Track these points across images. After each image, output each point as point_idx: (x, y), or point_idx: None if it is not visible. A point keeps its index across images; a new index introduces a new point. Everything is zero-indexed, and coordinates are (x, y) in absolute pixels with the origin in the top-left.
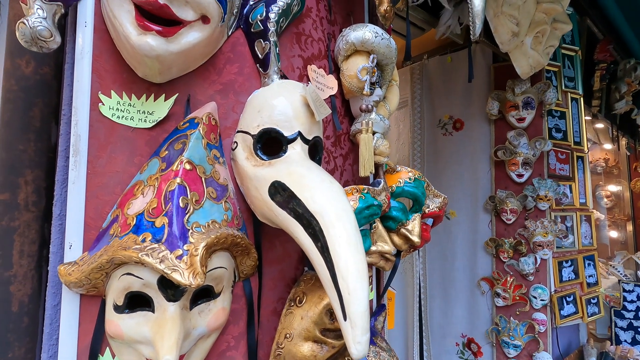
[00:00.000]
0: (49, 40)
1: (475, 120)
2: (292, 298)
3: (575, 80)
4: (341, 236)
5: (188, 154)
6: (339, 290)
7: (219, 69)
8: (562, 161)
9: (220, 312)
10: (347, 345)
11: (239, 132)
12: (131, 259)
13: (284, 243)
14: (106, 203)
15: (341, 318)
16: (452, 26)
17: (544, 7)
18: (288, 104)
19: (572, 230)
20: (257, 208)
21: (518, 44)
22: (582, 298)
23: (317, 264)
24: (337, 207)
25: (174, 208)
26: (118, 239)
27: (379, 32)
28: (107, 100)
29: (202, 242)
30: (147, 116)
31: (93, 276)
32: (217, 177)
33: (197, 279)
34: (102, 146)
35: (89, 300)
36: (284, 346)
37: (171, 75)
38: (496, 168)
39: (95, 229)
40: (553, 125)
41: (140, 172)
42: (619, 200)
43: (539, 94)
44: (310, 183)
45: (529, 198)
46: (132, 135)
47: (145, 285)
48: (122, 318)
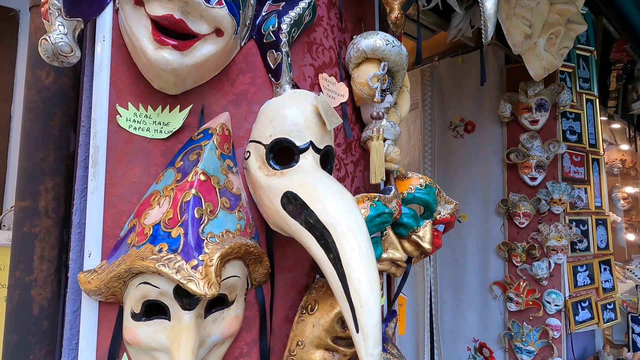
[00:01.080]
0: (69, 55)
1: (487, 122)
2: (303, 306)
3: (590, 81)
4: (353, 248)
5: (202, 165)
6: (351, 302)
7: (232, 80)
8: (576, 164)
9: (233, 319)
10: (359, 357)
11: (252, 142)
12: (148, 269)
13: (296, 251)
14: (123, 212)
15: (353, 330)
16: (463, 29)
17: (558, 8)
18: (300, 113)
19: (587, 234)
20: (270, 217)
21: (531, 45)
22: (598, 303)
23: (330, 275)
24: (349, 219)
25: (189, 219)
26: (135, 249)
27: (390, 39)
28: (124, 112)
29: (217, 252)
30: (162, 127)
31: (112, 284)
32: (231, 186)
33: (212, 289)
34: (119, 157)
35: (107, 307)
36: (295, 353)
37: (186, 87)
38: (508, 171)
39: (113, 238)
40: (567, 127)
41: (156, 183)
42: (636, 202)
43: (553, 95)
44: (322, 194)
45: (543, 201)
46: (148, 146)
47: (161, 294)
48: (140, 326)
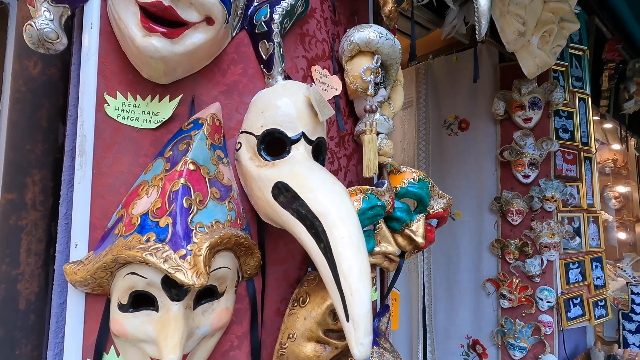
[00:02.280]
0: (55, 42)
1: (481, 120)
2: (295, 298)
3: (583, 80)
4: (344, 237)
5: (192, 155)
6: (341, 291)
7: (223, 70)
8: (569, 162)
9: (223, 311)
10: (350, 346)
11: (243, 133)
12: (135, 258)
13: (288, 243)
14: (111, 203)
15: (344, 319)
16: (457, 26)
17: (551, 7)
18: (292, 104)
19: (579, 231)
20: (261, 208)
21: (524, 43)
22: (590, 300)
23: (320, 265)
24: (340, 208)
25: (177, 208)
26: (123, 239)
27: (383, 32)
28: (112, 101)
29: (206, 242)
30: (151, 117)
31: (98, 275)
32: (221, 177)
33: (200, 279)
34: (107, 147)
35: (94, 299)
36: (287, 346)
37: (176, 76)
38: (502, 168)
39: (100, 229)
40: (560, 125)
41: (145, 173)
42: (627, 201)
43: (546, 94)
44: (313, 184)
45: (535, 199)
46: (137, 136)
47: (149, 284)
48: (127, 317)
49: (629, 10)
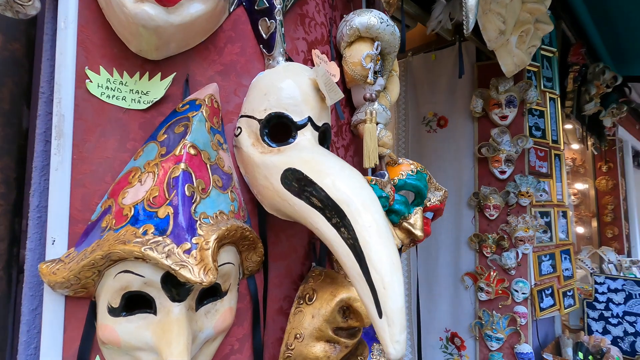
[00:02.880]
0: (26, 4)
1: (459, 117)
2: (301, 296)
3: (553, 80)
4: (371, 226)
5: (191, 138)
6: (372, 284)
7: (220, 49)
8: (541, 159)
9: (227, 312)
10: (384, 344)
11: (243, 117)
12: (132, 254)
13: (290, 237)
14: (94, 193)
15: (375, 315)
16: (443, 21)
17: (529, 7)
18: (297, 87)
19: (550, 225)
20: (267, 198)
21: (504, 42)
22: (560, 291)
23: (343, 257)
24: (362, 195)
25: (179, 196)
26: (113, 232)
27: (384, 18)
28: (95, 77)
29: (213, 234)
30: (141, 96)
31: (83, 275)
32: (222, 164)
33: (208, 276)
34: (89, 128)
35: (75, 303)
36: (294, 347)
37: (169, 51)
38: (479, 165)
39: (82, 222)
40: (533, 123)
41: (135, 159)
42: (585, 197)
43: (521, 92)
44: (329, 170)
45: (511, 194)
46: (124, 118)
47: (146, 284)
48: (119, 322)
49: (589, 17)
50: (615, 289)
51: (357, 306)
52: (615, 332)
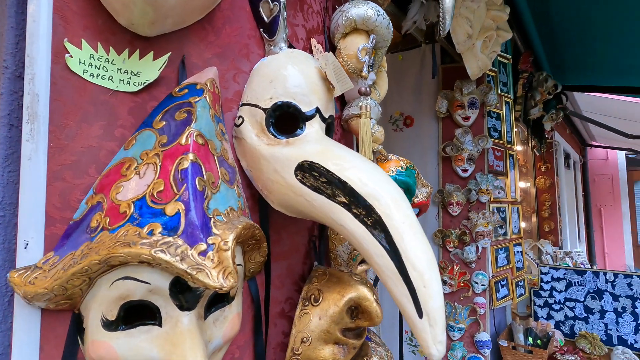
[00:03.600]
0: None
1: (425, 117)
2: (305, 297)
3: (508, 85)
4: (404, 222)
5: (197, 126)
6: (410, 283)
7: (217, 29)
8: (498, 158)
9: (235, 318)
10: (424, 345)
11: (246, 106)
12: (139, 257)
13: (292, 235)
14: (76, 187)
15: (414, 315)
16: (418, 22)
17: (492, 14)
18: (305, 76)
19: (505, 220)
20: (276, 194)
21: (470, 46)
22: (513, 281)
23: (375, 255)
24: (390, 190)
25: (190, 191)
26: (108, 233)
27: (380, 11)
28: (76, 52)
29: (231, 233)
30: (130, 77)
31: (72, 284)
32: (227, 156)
33: (229, 280)
34: (69, 111)
35: (54, 318)
36: (301, 352)
37: (164, 27)
38: (443, 163)
39: (61, 222)
40: (491, 125)
41: (125, 148)
42: (526, 195)
43: (482, 95)
44: (351, 163)
45: (473, 191)
46: (111, 101)
47: (151, 291)
48: (117, 337)
49: (535, 30)
50: (558, 278)
51: (366, 305)
52: (558, 317)
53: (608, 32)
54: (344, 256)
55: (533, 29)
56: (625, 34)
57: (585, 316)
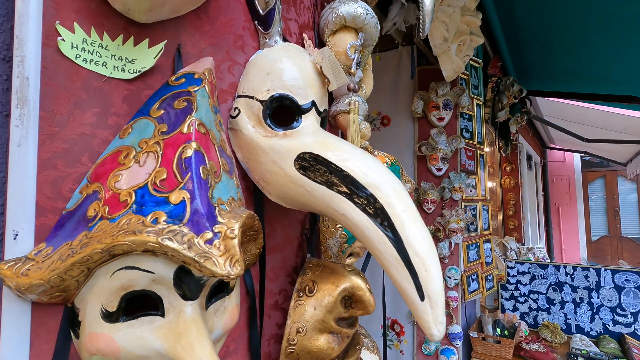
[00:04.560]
0: None
1: (401, 117)
2: (300, 288)
3: (479, 88)
4: (405, 210)
5: (198, 115)
6: (412, 268)
7: (212, 19)
8: (469, 157)
9: (235, 309)
10: (426, 326)
11: (242, 97)
12: (144, 245)
13: (286, 227)
14: (68, 176)
15: (416, 299)
16: (398, 23)
17: (467, 19)
18: (301, 69)
19: (476, 217)
20: (274, 185)
21: (446, 49)
22: (482, 275)
23: (378, 243)
24: (390, 180)
25: (194, 179)
26: (108, 222)
27: (369, 9)
28: (68, 35)
29: (236, 221)
30: (125, 64)
31: (70, 274)
32: (225, 147)
33: (236, 267)
34: (61, 97)
35: (45, 311)
36: (296, 342)
37: (161, 15)
38: (418, 162)
39: (53, 212)
40: (463, 126)
41: (121, 137)
42: (493, 194)
43: (456, 97)
44: (350, 155)
45: (446, 189)
46: (105, 88)
47: (155, 281)
48: (118, 328)
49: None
50: (523, 271)
51: (360, 295)
52: (522, 308)
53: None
54: (334, 249)
55: (501, 36)
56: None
57: (547, 307)
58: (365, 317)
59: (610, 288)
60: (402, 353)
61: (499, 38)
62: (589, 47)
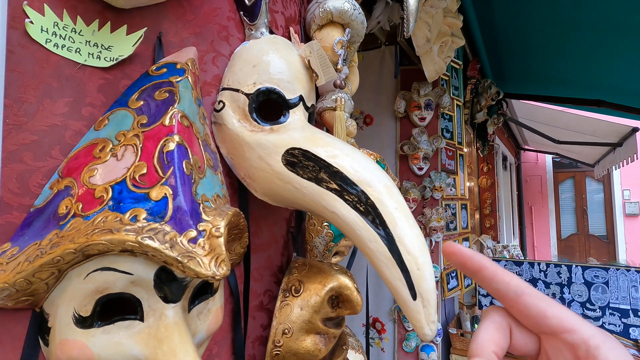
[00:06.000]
0: None
1: (384, 116)
2: (286, 288)
3: (459, 89)
4: (397, 208)
5: (181, 107)
6: (404, 267)
7: (195, 8)
8: (449, 157)
9: (219, 311)
10: (418, 326)
11: (227, 90)
12: (123, 244)
13: (271, 226)
14: (37, 170)
15: (408, 298)
16: (382, 22)
17: (449, 21)
18: (288, 63)
19: (455, 216)
20: (261, 181)
21: (428, 50)
22: (462, 273)
23: (368, 241)
24: (381, 177)
25: (177, 175)
26: (82, 220)
27: (356, 5)
28: (37, 18)
29: (222, 219)
30: (101, 51)
31: (38, 277)
32: (209, 141)
33: (222, 268)
34: (29, 84)
35: (9, 317)
36: (282, 343)
37: (140, 0)
38: (400, 161)
39: (20, 209)
40: (444, 126)
41: (96, 128)
42: (470, 193)
43: (437, 97)
44: (340, 151)
45: (427, 188)
46: (79, 76)
47: (134, 283)
48: (92, 334)
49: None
50: None
51: (347, 294)
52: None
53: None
54: (320, 247)
55: (480, 39)
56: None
57: None
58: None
59: (580, 284)
60: (383, 351)
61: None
62: (562, 52)
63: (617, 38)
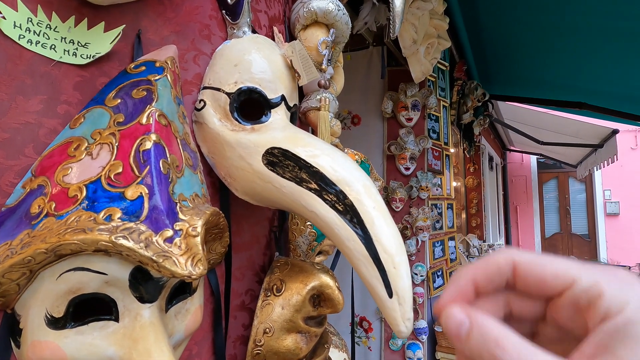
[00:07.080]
0: None
1: (371, 117)
2: (267, 287)
3: (445, 90)
4: (375, 207)
5: (159, 105)
6: (381, 265)
7: (176, 5)
8: (436, 157)
9: (198, 311)
10: (394, 323)
11: (208, 89)
12: (96, 244)
13: (253, 226)
14: (9, 169)
15: (384, 296)
16: (369, 23)
17: (435, 23)
18: (270, 62)
19: (441, 215)
20: (241, 181)
21: (414, 51)
22: (447, 271)
23: (346, 240)
24: (360, 177)
25: (153, 173)
26: (55, 219)
27: (340, 6)
28: (10, 13)
29: (199, 218)
30: (77, 48)
31: (9, 277)
32: (189, 140)
33: (198, 267)
34: (1, 81)
35: None
36: (263, 343)
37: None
38: (387, 161)
39: None
40: (430, 126)
41: (72, 127)
42: (457, 193)
43: (424, 98)
44: (320, 150)
45: (414, 188)
46: (54, 73)
47: (108, 283)
48: (65, 335)
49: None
50: None
51: (329, 293)
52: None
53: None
54: (303, 247)
55: (466, 41)
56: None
57: None
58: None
59: None
60: (370, 349)
61: (464, 43)
62: (546, 56)
63: (599, 43)
